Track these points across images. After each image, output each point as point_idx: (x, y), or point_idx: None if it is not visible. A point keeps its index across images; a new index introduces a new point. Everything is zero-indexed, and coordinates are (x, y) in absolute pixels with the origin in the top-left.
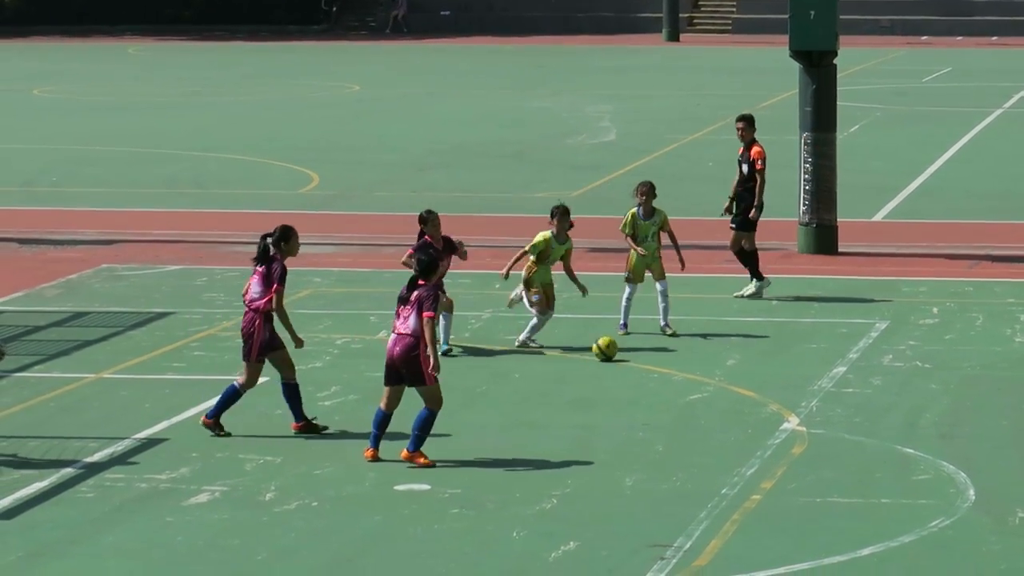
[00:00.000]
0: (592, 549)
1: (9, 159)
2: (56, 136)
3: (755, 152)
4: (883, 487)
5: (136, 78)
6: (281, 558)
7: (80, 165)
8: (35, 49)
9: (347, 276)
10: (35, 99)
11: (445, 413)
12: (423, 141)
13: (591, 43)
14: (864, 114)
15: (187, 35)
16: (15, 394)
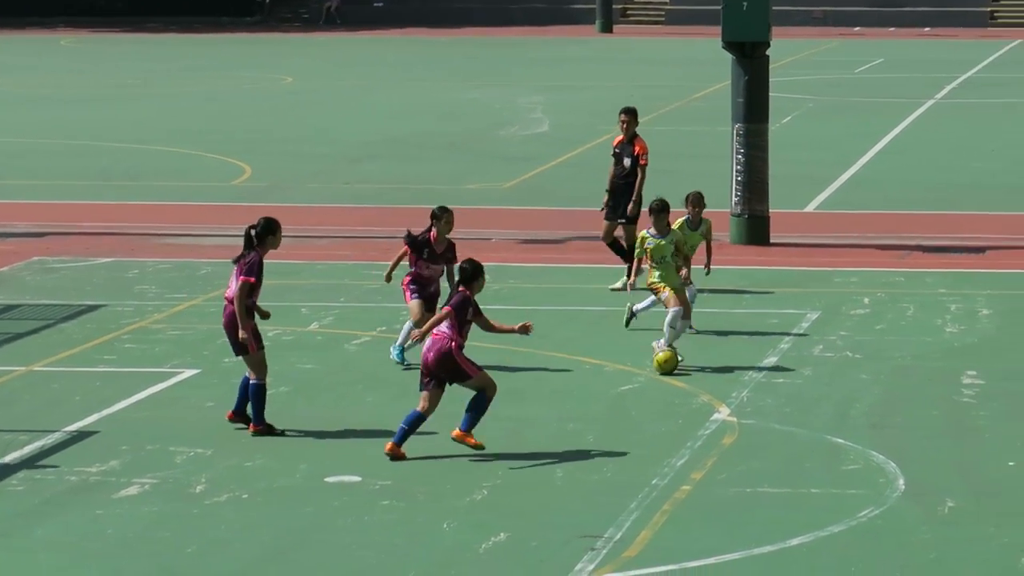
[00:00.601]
0: (522, 540)
1: None
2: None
3: (641, 147)
4: (813, 477)
5: (69, 70)
6: (212, 550)
7: (12, 158)
8: None
9: (279, 268)
10: None
11: (376, 404)
12: (356, 133)
13: (524, 34)
14: (796, 105)
15: (120, 27)
16: None
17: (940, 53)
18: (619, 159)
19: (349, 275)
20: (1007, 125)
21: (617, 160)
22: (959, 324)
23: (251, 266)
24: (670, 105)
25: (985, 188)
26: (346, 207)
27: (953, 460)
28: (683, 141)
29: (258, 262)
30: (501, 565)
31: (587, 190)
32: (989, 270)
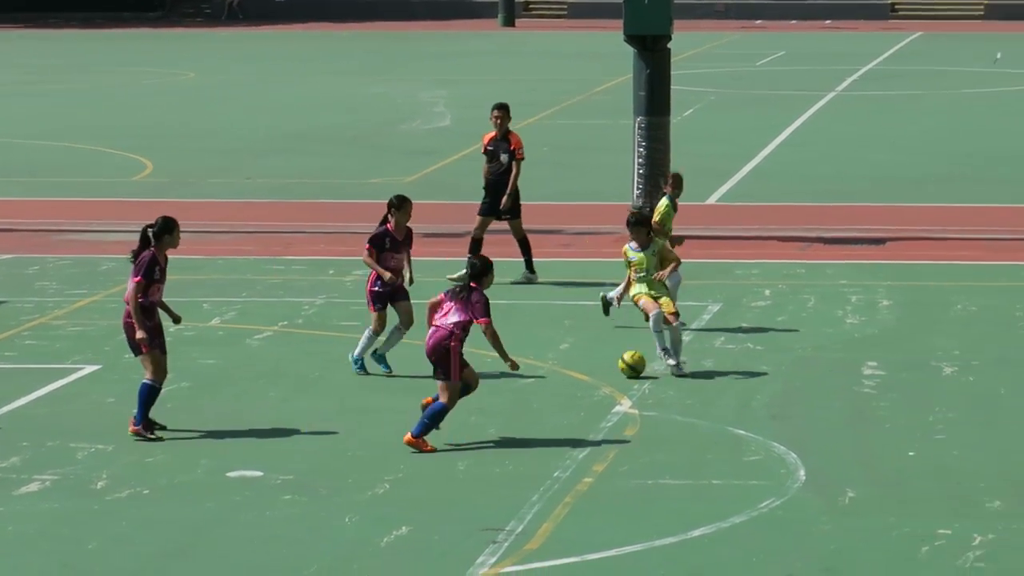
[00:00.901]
0: (424, 533)
1: None
2: None
3: (517, 142)
4: (715, 468)
5: None
6: (113, 546)
7: None
8: None
9: (180, 263)
10: None
11: (278, 399)
12: (259, 128)
13: (427, 28)
14: (698, 98)
15: (20, 23)
16: None
17: (841, 45)
18: (494, 155)
19: (251, 270)
20: (908, 117)
21: (492, 156)
22: (860, 315)
23: (141, 266)
24: (573, 99)
25: (885, 180)
26: (248, 202)
27: (854, 451)
28: (586, 134)
29: (150, 261)
30: (403, 559)
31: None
32: (889, 261)
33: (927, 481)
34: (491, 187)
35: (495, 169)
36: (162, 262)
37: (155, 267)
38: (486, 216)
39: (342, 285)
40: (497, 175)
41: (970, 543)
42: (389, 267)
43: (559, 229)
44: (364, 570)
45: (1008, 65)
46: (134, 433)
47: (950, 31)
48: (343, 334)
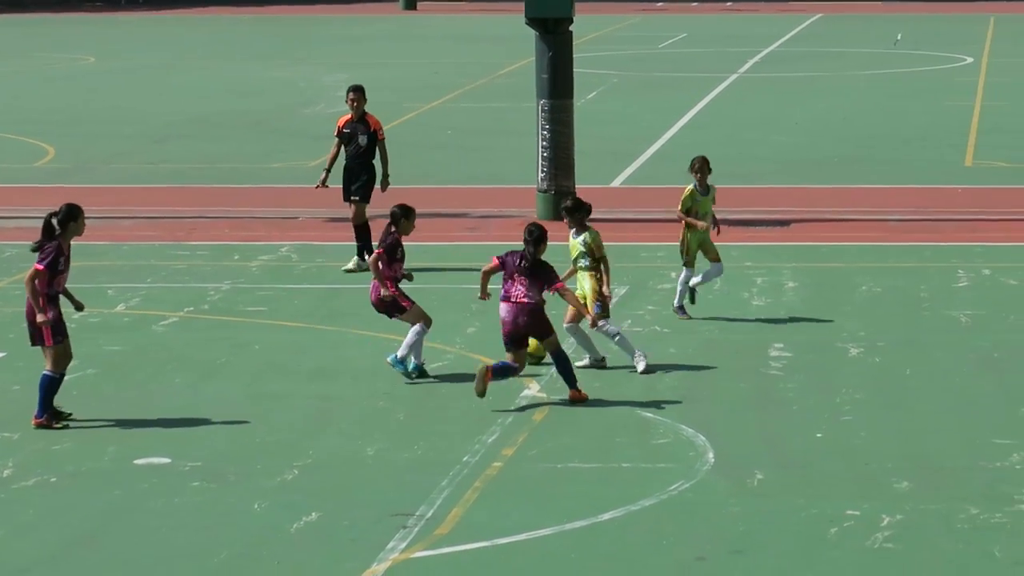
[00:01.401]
0: (334, 519)
1: None
2: None
3: (376, 123)
4: (623, 452)
5: None
6: (20, 535)
7: None
8: None
9: (84, 249)
10: None
11: (185, 385)
12: (161, 112)
13: (328, 12)
14: (601, 80)
15: None
16: None
17: (743, 28)
18: (352, 138)
19: (156, 256)
20: (808, 99)
21: (350, 139)
22: (765, 297)
23: (46, 255)
24: (476, 82)
25: (788, 161)
26: (151, 187)
27: (761, 432)
28: (489, 118)
29: (56, 251)
30: (312, 545)
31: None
32: (794, 243)
33: (835, 462)
34: (349, 170)
35: (353, 152)
36: (67, 251)
37: (60, 257)
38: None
39: (248, 270)
40: (356, 158)
41: (879, 524)
42: (397, 277)
43: (464, 212)
44: (274, 556)
45: (908, 47)
46: (38, 426)
47: (850, 12)
48: (249, 319)
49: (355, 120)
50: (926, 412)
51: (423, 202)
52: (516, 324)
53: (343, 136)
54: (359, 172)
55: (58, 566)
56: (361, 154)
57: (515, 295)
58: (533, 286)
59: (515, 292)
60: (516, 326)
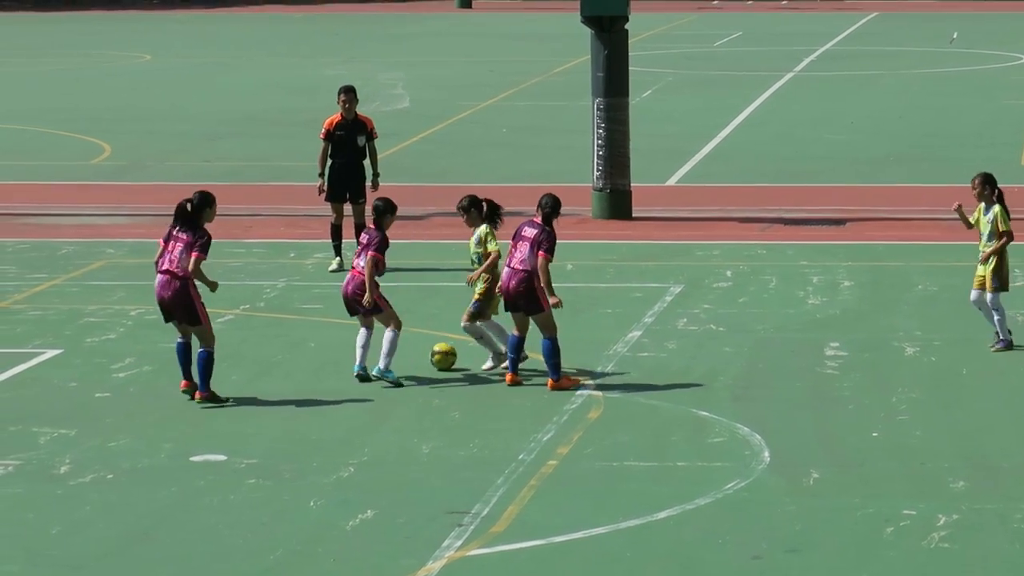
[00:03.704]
0: (389, 517)
1: None
2: None
3: (371, 123)
4: (679, 450)
5: None
6: (76, 531)
7: None
8: None
9: (140, 247)
10: None
11: (241, 382)
12: (215, 110)
13: (384, 10)
14: (656, 79)
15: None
16: None
17: (798, 26)
18: (347, 140)
19: (212, 253)
20: (864, 97)
21: (344, 141)
22: (821, 296)
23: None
24: (531, 80)
25: (843, 160)
26: (206, 184)
27: (817, 432)
28: (544, 116)
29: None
30: (368, 542)
31: (449, 166)
32: (849, 242)
33: (890, 461)
34: (343, 171)
35: (350, 153)
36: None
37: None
38: (341, 202)
39: (303, 268)
40: (352, 159)
41: (935, 523)
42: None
43: (519, 211)
44: (329, 554)
45: (962, 45)
46: (203, 400)
47: (906, 11)
48: (305, 317)
49: (349, 121)
50: (982, 411)
51: None
52: (507, 288)
53: (338, 139)
54: (357, 173)
55: (113, 563)
56: (359, 155)
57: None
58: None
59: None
60: (506, 290)
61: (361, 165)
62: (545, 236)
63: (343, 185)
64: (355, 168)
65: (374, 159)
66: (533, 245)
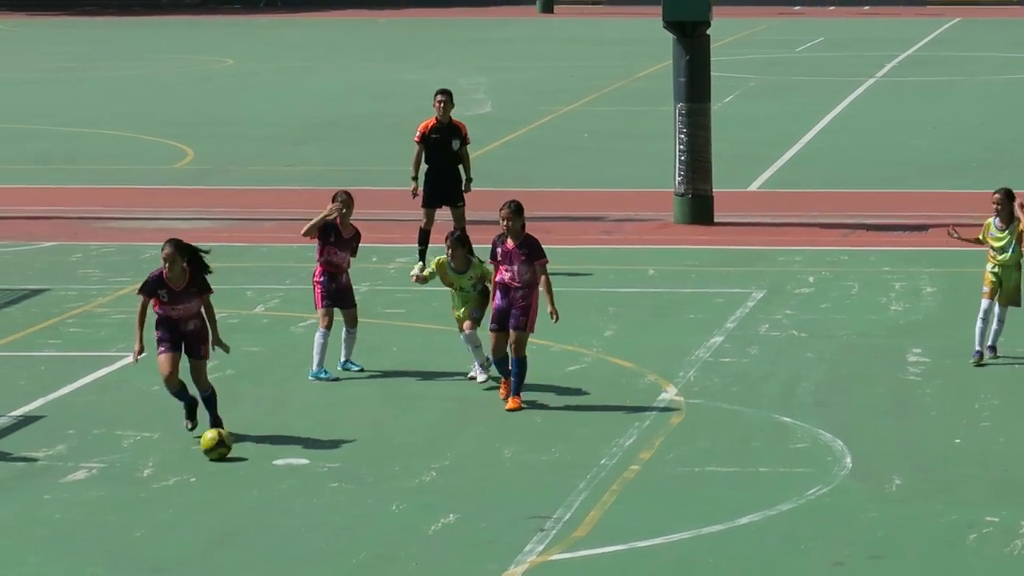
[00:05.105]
0: (472, 521)
1: None
2: None
3: (464, 126)
4: (761, 456)
5: (4, 53)
6: (160, 534)
7: None
8: None
9: (223, 251)
10: None
11: (322, 387)
12: (298, 115)
13: (465, 15)
14: (738, 84)
15: (57, 10)
16: None
17: (880, 31)
18: (443, 144)
19: (294, 257)
20: (946, 103)
21: (441, 144)
22: (903, 302)
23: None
24: (612, 85)
25: (926, 165)
26: (289, 189)
27: (899, 438)
28: (626, 121)
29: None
30: (450, 546)
31: (531, 170)
32: (932, 248)
33: (973, 468)
34: (439, 175)
35: (447, 157)
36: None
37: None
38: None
39: (385, 272)
40: (445, 163)
41: (1017, 531)
42: (332, 263)
43: (601, 216)
44: (411, 558)
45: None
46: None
47: (987, 17)
48: (387, 321)
49: (444, 125)
50: None
51: (559, 205)
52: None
53: (434, 141)
54: (454, 177)
55: (196, 566)
56: (454, 159)
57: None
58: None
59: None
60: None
61: (456, 169)
62: (534, 244)
63: (439, 190)
64: (452, 172)
65: (467, 164)
66: (524, 258)
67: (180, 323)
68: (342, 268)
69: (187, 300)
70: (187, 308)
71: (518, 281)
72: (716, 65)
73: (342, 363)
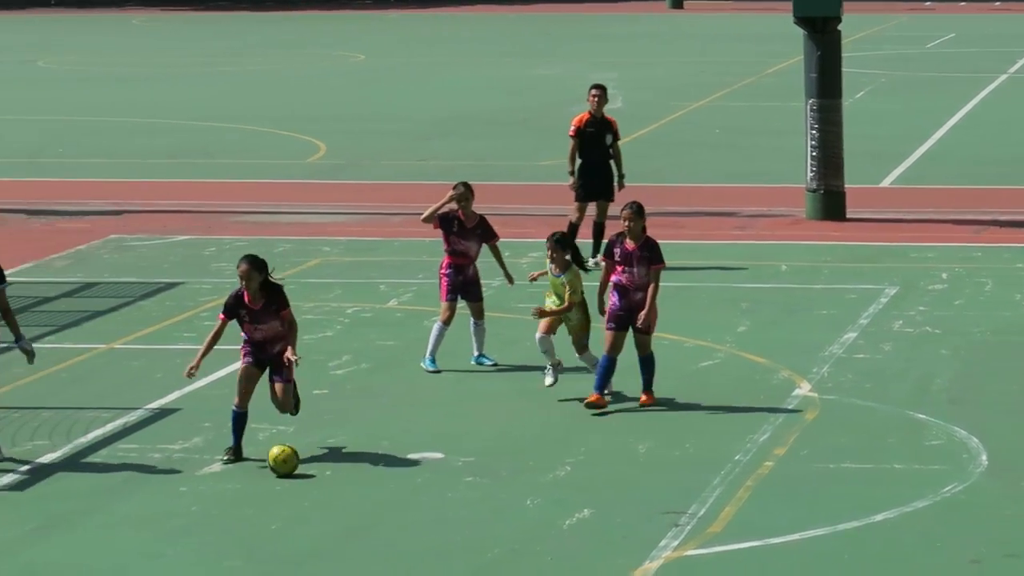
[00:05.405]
0: (606, 516)
1: (15, 130)
2: (62, 107)
3: (615, 122)
4: (895, 453)
5: (139, 49)
6: (294, 526)
7: (84, 136)
8: (39, 20)
9: (356, 245)
10: (40, 70)
11: (456, 380)
12: (429, 109)
13: (595, 11)
14: (869, 80)
15: (191, 6)
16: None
17: (1012, 27)
18: (597, 138)
19: (426, 252)
20: None
21: (595, 139)
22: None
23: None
24: (743, 81)
25: None
26: (421, 184)
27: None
28: (757, 116)
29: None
30: (585, 541)
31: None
32: None
33: None
34: (594, 169)
35: (601, 152)
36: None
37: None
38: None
39: (517, 266)
40: (600, 157)
41: None
42: (457, 252)
43: (733, 211)
44: (546, 552)
45: None
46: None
47: None
48: (519, 316)
49: (598, 119)
50: None
51: (691, 200)
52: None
53: (588, 136)
54: (608, 171)
55: (332, 558)
56: (607, 154)
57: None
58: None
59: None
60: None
61: (609, 164)
62: (655, 247)
63: (594, 184)
64: (606, 167)
65: (619, 159)
66: (644, 260)
67: (266, 345)
68: (468, 258)
69: (268, 319)
70: (270, 328)
71: (637, 283)
72: (847, 61)
73: (475, 357)
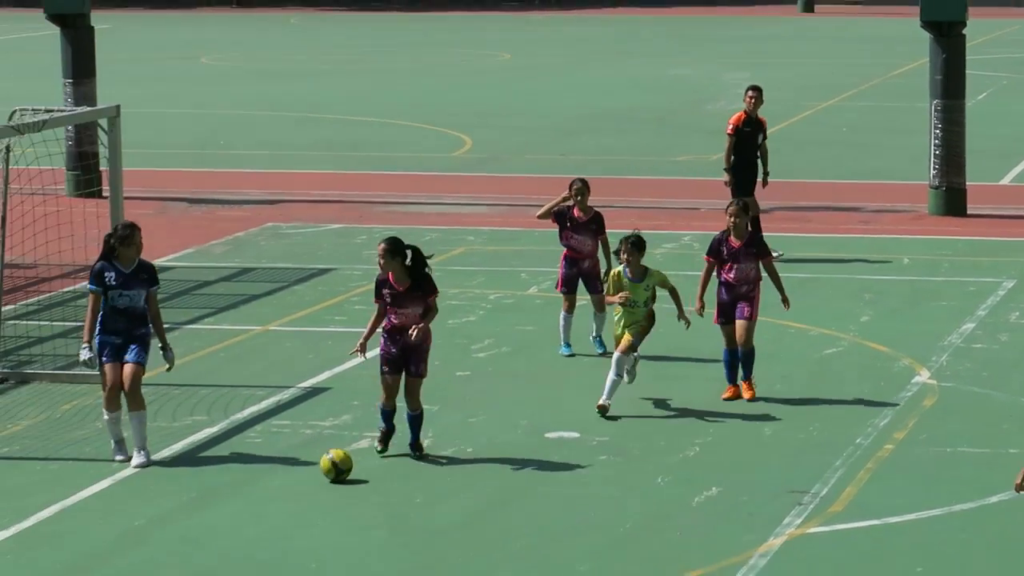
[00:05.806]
0: (733, 494)
1: (179, 123)
2: (223, 101)
3: (766, 122)
4: (1011, 438)
5: (295, 47)
6: (438, 501)
7: (242, 128)
8: (202, 19)
9: (498, 235)
10: (203, 67)
11: (591, 363)
12: (570, 106)
13: (729, 13)
14: (991, 82)
15: (346, 6)
16: (187, 344)
17: None
18: (753, 136)
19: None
20: None
21: (750, 137)
22: None
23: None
24: (870, 82)
25: None
26: (562, 177)
27: None
28: (884, 116)
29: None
30: (713, 517)
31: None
32: None
33: None
34: (749, 166)
35: (752, 150)
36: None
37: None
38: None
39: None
40: (753, 156)
41: None
42: (572, 247)
43: (858, 207)
44: (676, 527)
45: None
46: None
47: None
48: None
49: (753, 119)
50: None
51: (818, 196)
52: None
53: (745, 134)
54: (756, 170)
55: (472, 530)
56: (755, 153)
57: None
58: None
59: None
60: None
61: (756, 163)
62: (761, 241)
63: (747, 181)
64: (755, 166)
65: (765, 157)
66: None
67: (404, 332)
68: (583, 253)
69: (411, 304)
70: (411, 314)
71: (744, 279)
72: (970, 63)
73: (593, 336)
